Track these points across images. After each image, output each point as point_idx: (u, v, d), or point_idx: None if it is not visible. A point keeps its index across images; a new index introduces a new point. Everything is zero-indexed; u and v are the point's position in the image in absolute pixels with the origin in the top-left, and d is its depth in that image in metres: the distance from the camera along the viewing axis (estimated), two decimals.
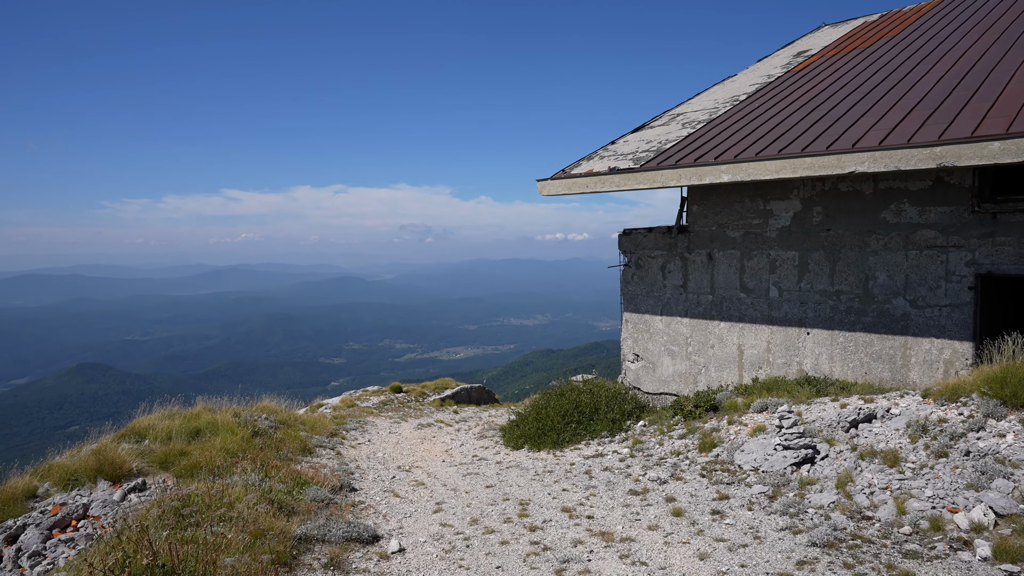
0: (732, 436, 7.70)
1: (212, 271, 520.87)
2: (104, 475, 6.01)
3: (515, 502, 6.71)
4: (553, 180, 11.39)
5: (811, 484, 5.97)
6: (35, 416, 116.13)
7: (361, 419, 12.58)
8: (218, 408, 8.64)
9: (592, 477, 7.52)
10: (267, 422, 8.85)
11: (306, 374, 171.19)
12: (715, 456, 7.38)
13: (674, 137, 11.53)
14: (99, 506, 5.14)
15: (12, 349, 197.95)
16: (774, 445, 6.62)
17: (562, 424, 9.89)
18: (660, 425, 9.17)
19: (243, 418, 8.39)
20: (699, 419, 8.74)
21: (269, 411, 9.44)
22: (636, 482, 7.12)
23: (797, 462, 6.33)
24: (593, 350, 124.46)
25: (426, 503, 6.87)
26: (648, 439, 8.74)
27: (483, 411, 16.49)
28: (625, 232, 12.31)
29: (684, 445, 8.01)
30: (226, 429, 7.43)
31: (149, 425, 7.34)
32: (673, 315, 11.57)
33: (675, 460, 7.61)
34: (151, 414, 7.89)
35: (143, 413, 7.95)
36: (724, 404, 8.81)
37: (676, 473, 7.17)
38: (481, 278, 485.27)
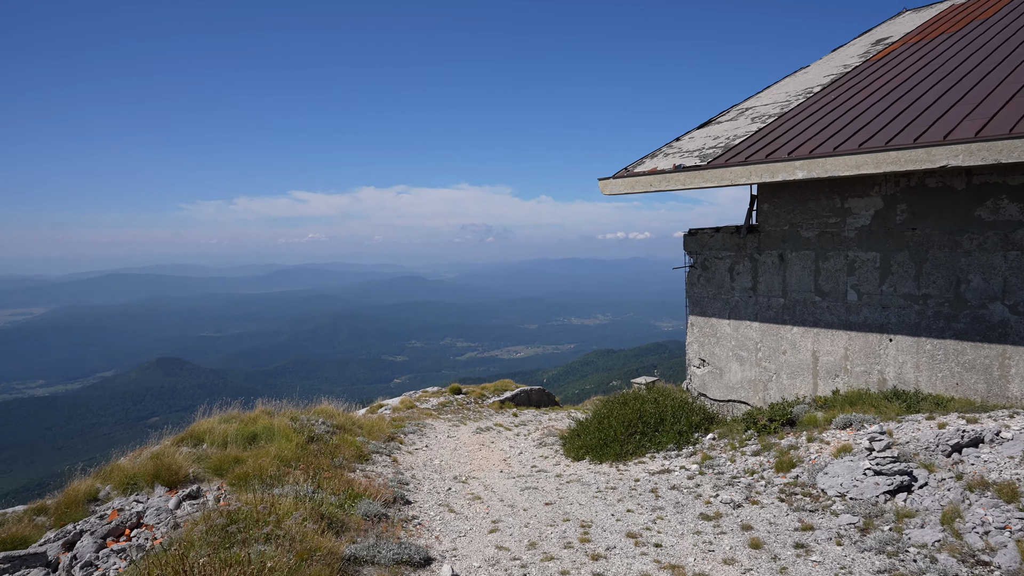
0: (813, 455, 7.05)
1: (281, 270, 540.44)
2: (161, 480, 6.02)
3: (576, 523, 6.32)
4: (615, 179, 10.96)
5: (909, 517, 5.30)
6: (120, 407, 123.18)
7: (420, 422, 12.49)
8: (277, 411, 8.63)
9: (659, 497, 7.06)
10: (324, 427, 8.77)
11: (370, 371, 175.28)
12: (794, 477, 6.73)
13: (743, 132, 10.91)
14: (153, 514, 5.11)
15: (99, 344, 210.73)
16: (863, 469, 5.98)
17: (625, 435, 9.42)
18: (731, 439, 8.60)
19: (300, 423, 8.33)
20: (774, 434, 8.12)
21: (327, 414, 9.41)
22: (707, 505, 6.59)
23: (891, 490, 5.66)
24: (655, 351, 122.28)
25: (482, 521, 6.57)
26: (718, 455, 8.18)
27: (543, 414, 16.19)
28: (690, 232, 11.76)
29: (758, 463, 7.41)
30: (281, 435, 7.38)
31: (207, 429, 7.32)
32: (741, 319, 10.96)
33: (749, 480, 7.01)
34: (211, 417, 7.88)
35: (203, 415, 7.99)
36: (802, 418, 8.15)
37: (751, 496, 6.59)
38: (541, 277, 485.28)
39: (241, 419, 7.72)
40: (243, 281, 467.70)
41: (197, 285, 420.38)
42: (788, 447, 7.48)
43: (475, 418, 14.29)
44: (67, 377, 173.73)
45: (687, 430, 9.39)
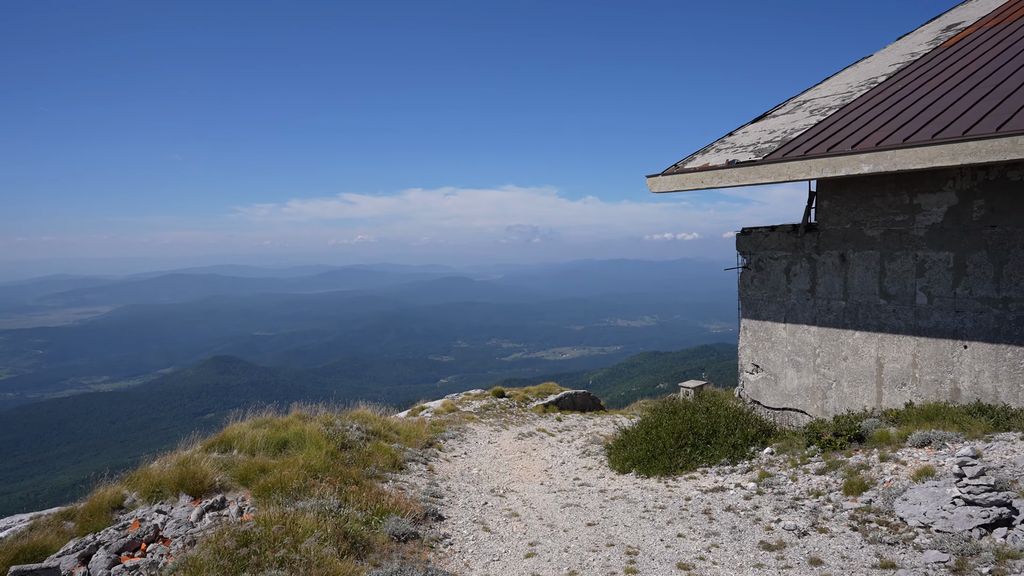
0: (888, 477, 6.31)
1: (331, 271, 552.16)
2: (186, 489, 5.76)
3: (621, 549, 5.78)
4: (664, 176, 10.44)
5: (1014, 559, 4.56)
6: (178, 403, 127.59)
7: (460, 426, 12.20)
8: (312, 415, 8.44)
9: (712, 519, 6.44)
10: (358, 433, 8.52)
11: (417, 371, 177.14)
12: (867, 502, 5.99)
13: (801, 126, 10.25)
14: (173, 526, 4.90)
15: (160, 341, 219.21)
16: (950, 497, 5.28)
17: (675, 447, 8.85)
18: (791, 455, 7.92)
19: (335, 428, 8.05)
20: (840, 450, 7.41)
21: (363, 419, 9.16)
22: (768, 531, 5.92)
23: (987, 523, 4.94)
24: (702, 353, 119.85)
25: (518, 542, 6.11)
26: (778, 472, 7.51)
27: (587, 419, 15.74)
28: (744, 231, 11.14)
29: (824, 483, 6.71)
30: (312, 442, 7.11)
31: (238, 434, 7.13)
32: (798, 322, 10.30)
33: (814, 503, 6.31)
34: (243, 421, 7.74)
35: (236, 420, 7.80)
36: (872, 434, 7.42)
37: (818, 522, 5.87)
38: (588, 278, 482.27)
39: (273, 424, 7.48)
40: (294, 282, 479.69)
41: (251, 285, 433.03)
42: (858, 466, 6.75)
43: (517, 423, 13.94)
44: (130, 373, 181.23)
45: (742, 443, 8.73)
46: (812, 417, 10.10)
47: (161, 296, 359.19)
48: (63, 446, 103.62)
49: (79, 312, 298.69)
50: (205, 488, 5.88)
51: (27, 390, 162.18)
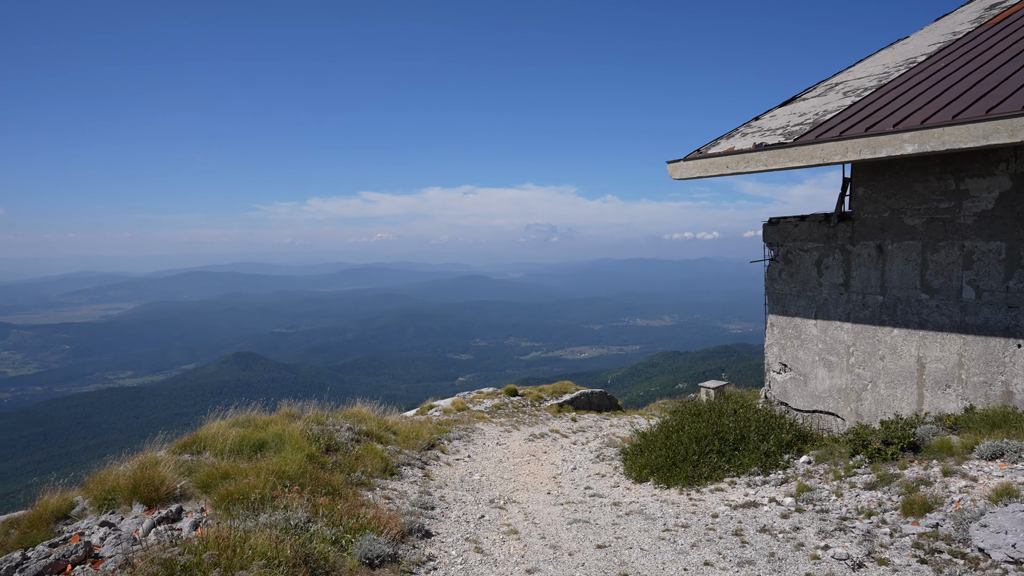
0: (957, 497, 5.35)
1: (350, 269, 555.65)
2: (140, 496, 5.12)
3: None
4: (686, 161, 9.83)
5: None
6: (199, 399, 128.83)
7: (469, 426, 11.68)
8: (302, 414, 7.93)
9: (746, 543, 5.53)
10: (349, 433, 7.88)
11: (435, 369, 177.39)
12: (933, 526, 5.04)
13: (834, 107, 9.57)
14: (112, 543, 4.24)
15: (182, 338, 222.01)
16: None
17: (699, 454, 8.07)
18: (833, 464, 7.07)
19: (323, 428, 7.48)
20: (892, 461, 6.56)
21: (358, 418, 8.57)
22: (815, 561, 4.99)
23: None
24: (722, 353, 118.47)
25: (513, 567, 5.30)
26: (819, 485, 6.65)
27: (604, 419, 15.17)
28: (771, 221, 10.49)
29: (876, 501, 5.81)
30: (292, 444, 6.49)
31: (214, 434, 6.49)
32: (830, 319, 9.63)
33: (867, 526, 5.37)
34: (223, 419, 7.17)
35: (218, 417, 7.18)
36: (930, 443, 6.54)
37: (875, 550, 4.92)
38: (607, 277, 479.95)
39: (255, 423, 6.96)
40: (315, 279, 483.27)
41: (272, 283, 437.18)
42: (916, 481, 5.82)
43: (530, 423, 13.41)
44: (153, 369, 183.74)
45: (775, 450, 7.91)
46: (845, 420, 9.45)
47: (183, 293, 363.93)
48: (89, 439, 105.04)
49: (104, 308, 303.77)
50: (162, 496, 5.25)
51: (54, 384, 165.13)
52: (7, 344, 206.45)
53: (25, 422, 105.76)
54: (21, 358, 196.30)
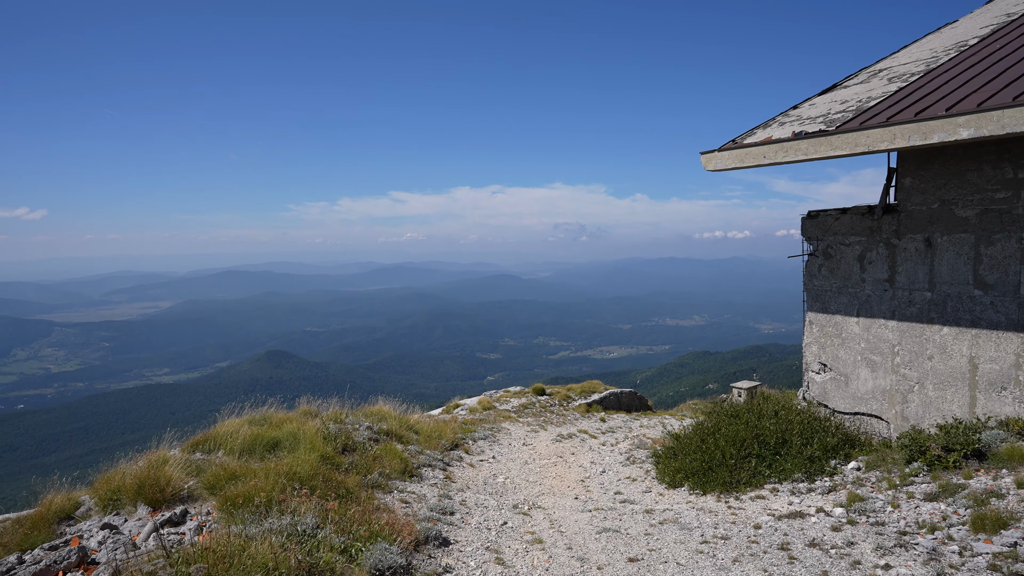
0: None
1: (380, 268, 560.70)
2: (145, 497, 4.94)
3: None
4: (721, 152, 9.45)
5: None
6: (232, 396, 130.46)
7: (494, 425, 11.46)
8: (321, 412, 7.78)
9: (794, 559, 5.04)
10: (368, 433, 7.68)
11: (464, 368, 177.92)
12: (1010, 545, 4.50)
13: (879, 93, 9.10)
14: (110, 547, 4.07)
15: (217, 336, 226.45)
16: None
17: (737, 458, 7.69)
18: (886, 472, 6.63)
19: (341, 427, 7.38)
20: (954, 470, 6.10)
21: (379, 417, 8.39)
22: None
23: None
24: (753, 354, 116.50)
25: None
26: (871, 494, 6.16)
27: (634, 420, 14.82)
28: (810, 215, 10.04)
29: (939, 514, 5.31)
30: (307, 443, 6.25)
31: (228, 432, 6.31)
32: (874, 316, 9.16)
33: (931, 542, 4.89)
34: (240, 416, 7.06)
35: (234, 415, 7.09)
36: (998, 450, 6.06)
37: (944, 571, 4.47)
38: (636, 277, 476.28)
39: (271, 421, 6.79)
40: (345, 278, 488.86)
41: (304, 282, 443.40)
42: (985, 493, 5.30)
43: (557, 422, 13.13)
44: (189, 366, 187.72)
45: (820, 455, 7.51)
46: (889, 423, 8.97)
47: (218, 292, 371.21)
48: (127, 435, 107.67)
49: (142, 307, 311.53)
50: (167, 497, 5.05)
51: (95, 380, 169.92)
52: (51, 341, 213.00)
53: (68, 417, 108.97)
54: (64, 355, 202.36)
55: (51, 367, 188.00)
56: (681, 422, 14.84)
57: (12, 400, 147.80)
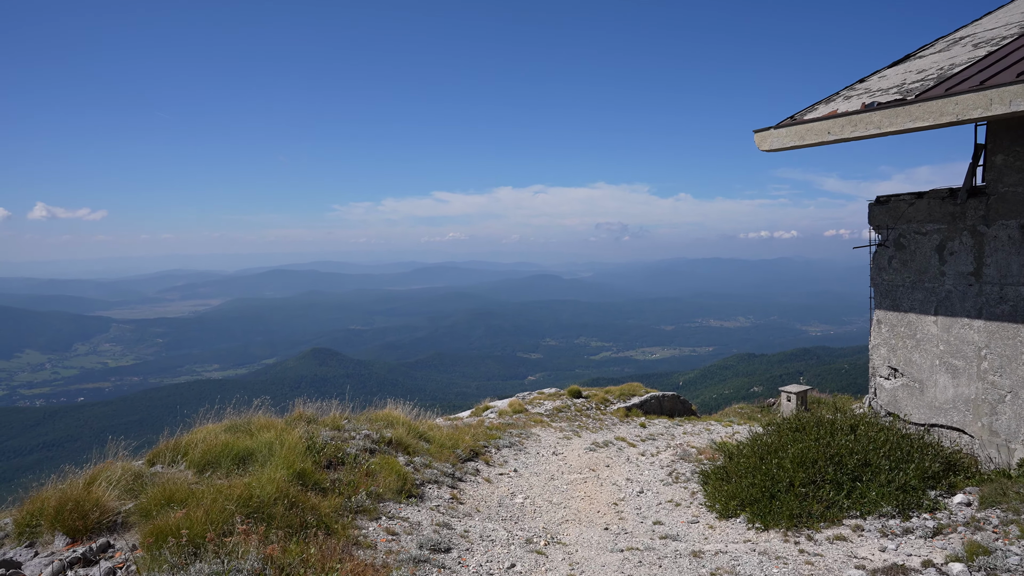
0: None
1: (423, 268, 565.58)
2: (63, 525, 4.07)
3: None
4: (778, 129, 8.43)
5: None
6: (278, 393, 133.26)
7: (524, 431, 10.64)
8: (319, 416, 7.01)
9: None
10: (364, 442, 6.77)
11: (505, 367, 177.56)
12: None
13: (963, 60, 7.95)
14: None
15: (264, 333, 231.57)
16: None
17: (806, 483, 6.43)
18: (1012, 512, 5.25)
19: (336, 434, 6.56)
20: None
21: (387, 422, 7.47)
22: None
23: None
24: (800, 357, 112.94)
25: None
26: (998, 544, 4.75)
27: (676, 426, 13.82)
28: (879, 200, 8.93)
29: None
30: (282, 457, 5.24)
31: (198, 440, 5.48)
32: (955, 315, 8.02)
33: None
34: (219, 422, 6.12)
35: (210, 419, 6.21)
36: None
37: None
38: (679, 277, 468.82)
39: (251, 427, 5.98)
40: (389, 278, 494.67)
41: (348, 281, 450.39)
42: None
43: (594, 428, 12.23)
44: (237, 362, 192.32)
45: (917, 484, 6.16)
46: (974, 438, 7.82)
47: (266, 290, 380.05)
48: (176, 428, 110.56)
49: (193, 304, 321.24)
50: (91, 525, 4.19)
51: (149, 375, 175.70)
52: (108, 337, 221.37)
53: (124, 410, 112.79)
54: (121, 350, 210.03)
55: (109, 362, 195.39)
56: (728, 429, 13.77)
57: (73, 393, 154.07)
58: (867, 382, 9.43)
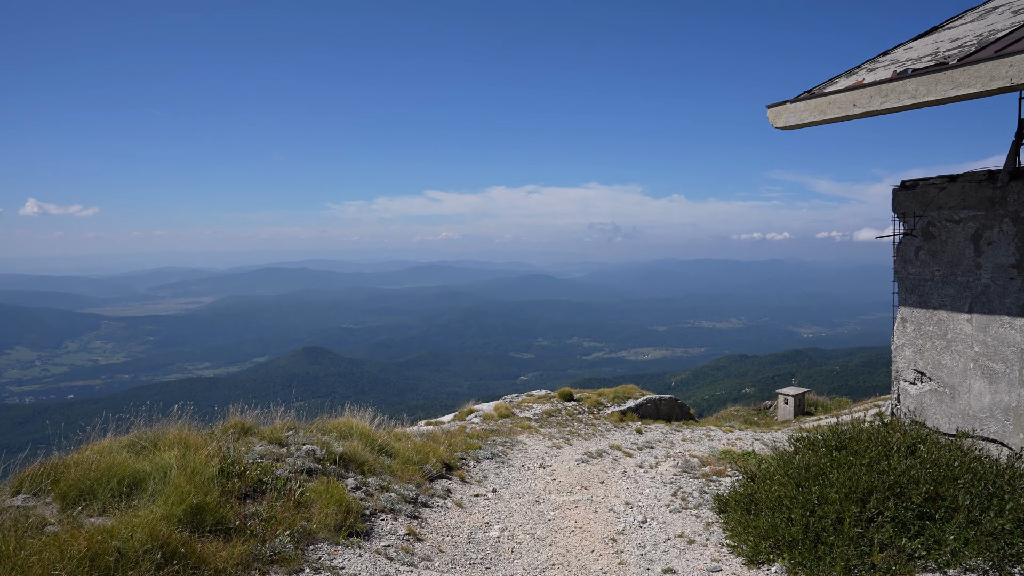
0: None
1: (416, 267, 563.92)
2: None
3: None
4: (796, 103, 7.52)
5: None
6: (269, 391, 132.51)
7: (509, 438, 9.73)
8: (259, 426, 5.95)
9: None
10: (304, 461, 5.50)
11: (497, 367, 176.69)
12: None
13: (1006, 26, 7.08)
14: None
15: (256, 331, 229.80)
16: None
17: (858, 518, 4.98)
18: None
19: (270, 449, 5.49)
20: None
21: (343, 432, 6.46)
22: None
23: None
24: (793, 358, 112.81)
25: None
26: None
27: (674, 431, 12.95)
28: (904, 185, 8.05)
29: None
30: (175, 487, 4.14)
31: (75, 463, 4.29)
32: (994, 312, 7.14)
33: None
34: (123, 436, 5.03)
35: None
36: None
37: None
38: (672, 278, 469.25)
39: (158, 443, 4.90)
40: (382, 276, 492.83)
41: (341, 280, 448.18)
42: None
43: (586, 434, 11.28)
44: (229, 360, 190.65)
45: (1012, 527, 4.65)
46: (1014, 451, 6.93)
47: (259, 288, 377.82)
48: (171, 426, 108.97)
49: (185, 302, 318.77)
50: None
51: (140, 373, 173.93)
52: (99, 334, 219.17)
53: (115, 407, 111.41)
54: (111, 347, 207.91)
55: (99, 359, 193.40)
56: (730, 435, 12.92)
57: (63, 390, 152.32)
58: (859, 384, 8.59)
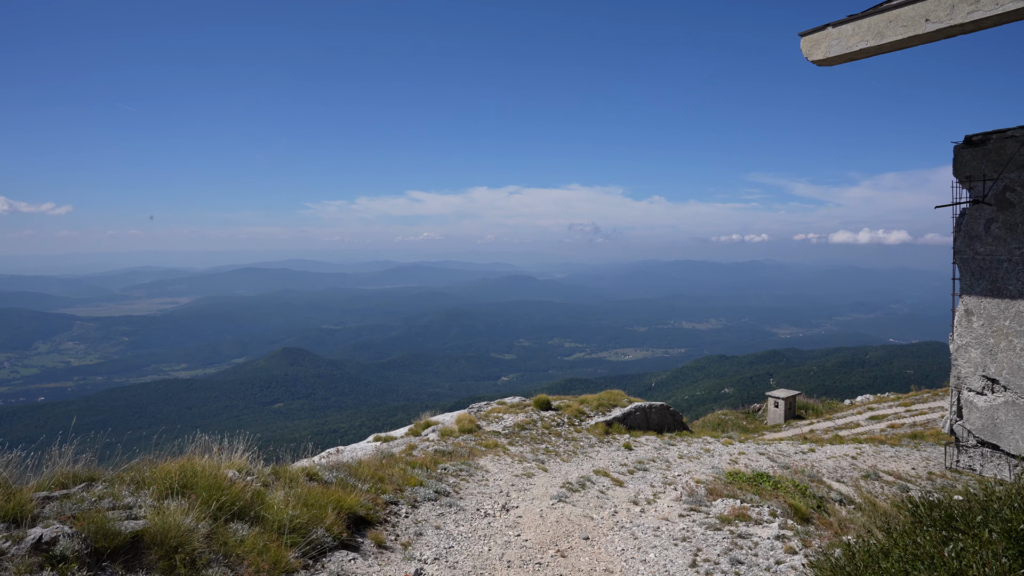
0: None
1: (397, 267, 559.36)
2: None
3: None
4: (839, 26, 5.85)
5: None
6: (249, 392, 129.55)
7: (467, 464, 7.71)
8: (109, 471, 3.86)
9: None
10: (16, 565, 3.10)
11: (478, 368, 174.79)
12: None
13: None
14: None
15: (234, 332, 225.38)
16: None
17: None
18: None
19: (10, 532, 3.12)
20: None
21: (175, 483, 4.19)
22: None
23: None
24: (770, 359, 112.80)
25: None
26: None
27: (669, 445, 11.27)
28: (969, 141, 6.39)
29: None
30: None
31: None
32: None
33: None
34: None
35: None
36: None
37: None
38: (652, 279, 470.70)
39: None
40: (362, 277, 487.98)
41: (321, 280, 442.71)
42: None
43: (566, 453, 9.43)
44: (206, 362, 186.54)
45: None
46: None
47: (237, 288, 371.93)
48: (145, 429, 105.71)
49: (161, 302, 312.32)
50: None
51: (114, 375, 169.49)
52: (72, 335, 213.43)
53: (87, 410, 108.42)
54: (84, 348, 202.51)
55: (72, 360, 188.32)
56: (730, 448, 11.30)
57: (33, 392, 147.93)
58: (835, 385, 7.00)
